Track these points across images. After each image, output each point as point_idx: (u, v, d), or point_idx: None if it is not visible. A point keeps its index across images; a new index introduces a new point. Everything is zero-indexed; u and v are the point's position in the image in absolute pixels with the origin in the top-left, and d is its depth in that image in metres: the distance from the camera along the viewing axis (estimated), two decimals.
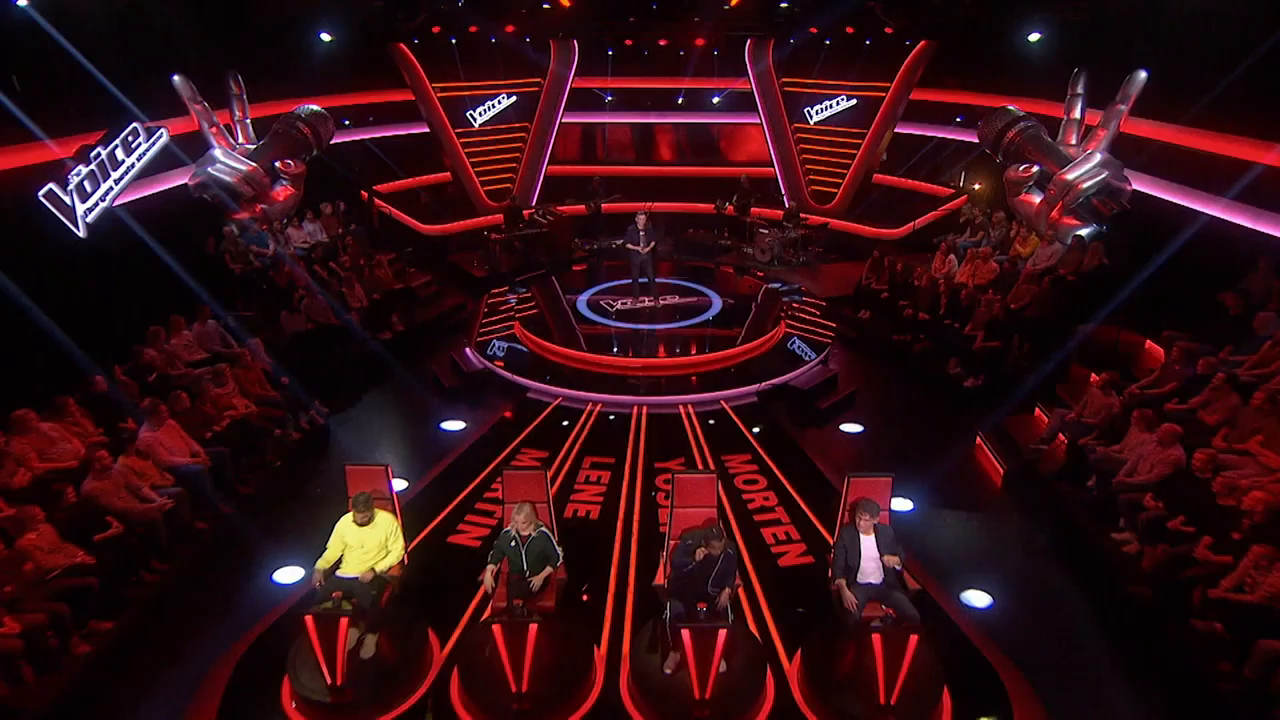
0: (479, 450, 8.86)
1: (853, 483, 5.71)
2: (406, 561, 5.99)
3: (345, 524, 5.62)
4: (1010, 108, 11.67)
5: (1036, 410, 9.20)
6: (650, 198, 14.75)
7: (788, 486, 8.14)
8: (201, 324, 9.02)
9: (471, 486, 8.08)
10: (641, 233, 11.42)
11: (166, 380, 7.94)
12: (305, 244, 12.04)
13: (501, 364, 10.73)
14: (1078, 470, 7.59)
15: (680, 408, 9.87)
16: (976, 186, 14.10)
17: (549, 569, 5.67)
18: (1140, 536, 6.45)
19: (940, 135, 14.85)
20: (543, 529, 5.70)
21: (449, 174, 16.08)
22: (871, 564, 5.43)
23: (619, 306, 12.20)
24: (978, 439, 9.19)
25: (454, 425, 9.60)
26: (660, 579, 5.71)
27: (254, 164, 10.98)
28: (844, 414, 9.95)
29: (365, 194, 14.61)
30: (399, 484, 8.25)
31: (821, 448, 9.12)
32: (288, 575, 6.80)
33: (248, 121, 11.42)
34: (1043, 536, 7.47)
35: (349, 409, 9.89)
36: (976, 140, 13.47)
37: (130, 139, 9.40)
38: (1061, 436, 8.14)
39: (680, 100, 16.66)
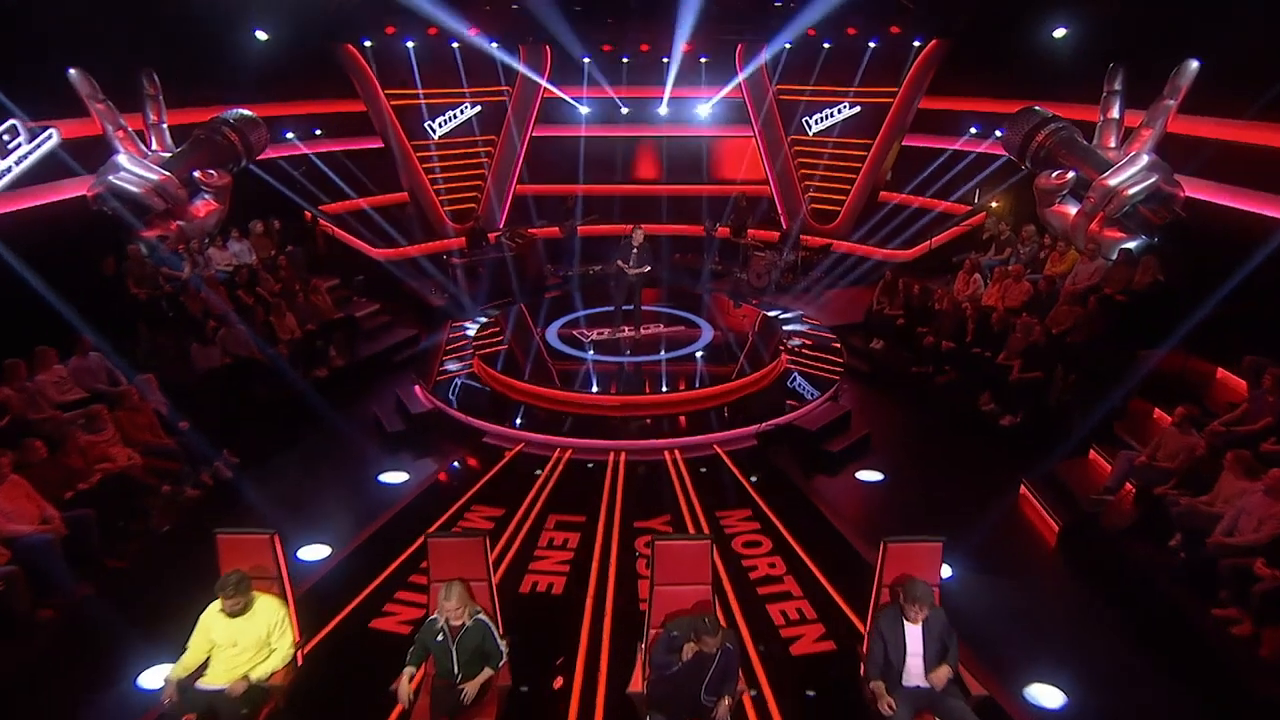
0: (422, 507, 7.73)
1: (891, 550, 4.58)
2: (301, 662, 4.75)
3: (211, 615, 4.41)
4: (1037, 108, 10.85)
5: (1091, 453, 8.13)
6: (632, 219, 13.75)
7: (798, 550, 7.00)
8: (81, 357, 7.84)
9: (407, 554, 6.88)
10: (635, 250, 10.55)
11: (24, 425, 6.72)
12: (228, 266, 10.92)
13: (455, 404, 9.65)
14: (1155, 526, 6.49)
15: (666, 453, 8.80)
16: (994, 204, 13.24)
17: (488, 671, 4.47)
18: (1254, 614, 5.32)
19: (953, 147, 14.11)
20: (480, 617, 4.53)
21: (406, 194, 15.15)
22: (919, 661, 4.25)
23: (595, 337, 11.25)
24: (1022, 487, 8.11)
25: (394, 477, 8.49)
26: (637, 684, 4.51)
27: (167, 173, 9.92)
28: (859, 459, 8.96)
29: (309, 214, 13.58)
30: (316, 551, 7.06)
31: (835, 500, 8.05)
32: (158, 678, 5.51)
33: (164, 126, 10.41)
34: (1116, 610, 6.33)
35: (268, 460, 8.70)
36: (998, 150, 12.96)
37: (7, 139, 8.33)
38: (1130, 484, 7.08)
39: (664, 111, 16.03)
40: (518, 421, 9.31)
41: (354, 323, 11.23)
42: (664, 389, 9.92)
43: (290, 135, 13.69)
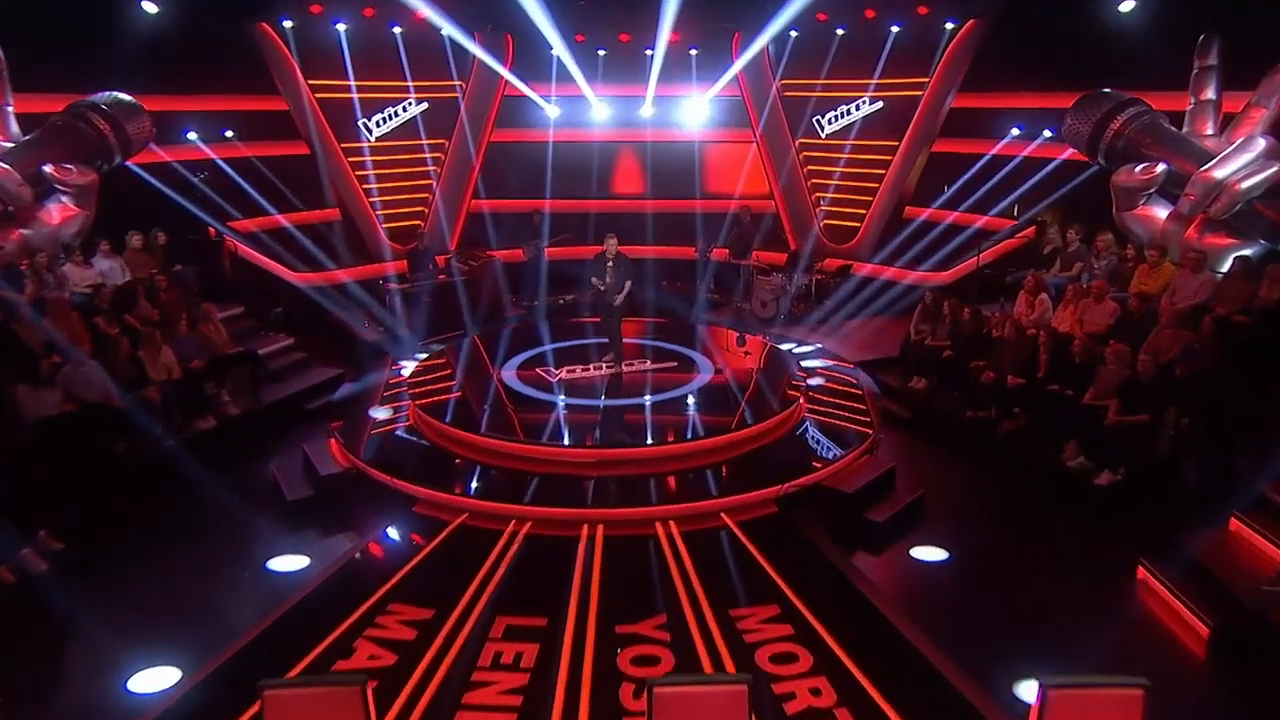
0: (321, 606, 6.12)
1: (1055, 700, 2.95)
2: None
3: None
4: (1109, 91, 9.67)
5: (1234, 522, 6.62)
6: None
7: (851, 668, 5.36)
8: None
9: (295, 673, 5.18)
10: (610, 264, 9.53)
11: None
12: (89, 286, 9.31)
13: (382, 463, 8.18)
14: None
15: (658, 525, 7.26)
16: (1046, 221, 12.05)
17: None
18: None
19: (991, 153, 13.04)
20: None
21: (336, 209, 13.92)
22: None
23: (564, 376, 9.93)
24: (1140, 570, 6.57)
25: (290, 563, 6.92)
26: None
27: (6, 166, 8.35)
28: (913, 531, 7.46)
29: (214, 230, 12.10)
30: (156, 679, 5.38)
31: (888, 587, 6.49)
32: None
33: (9, 109, 8.91)
34: None
35: (114, 542, 7.01)
36: (1049, 153, 12.02)
37: None
38: None
39: (648, 112, 15.06)
40: (465, 484, 7.93)
41: (255, 360, 9.64)
42: (652, 441, 8.51)
43: (192, 136, 12.43)
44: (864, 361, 11.07)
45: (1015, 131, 12.81)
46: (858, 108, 14.12)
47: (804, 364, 10.89)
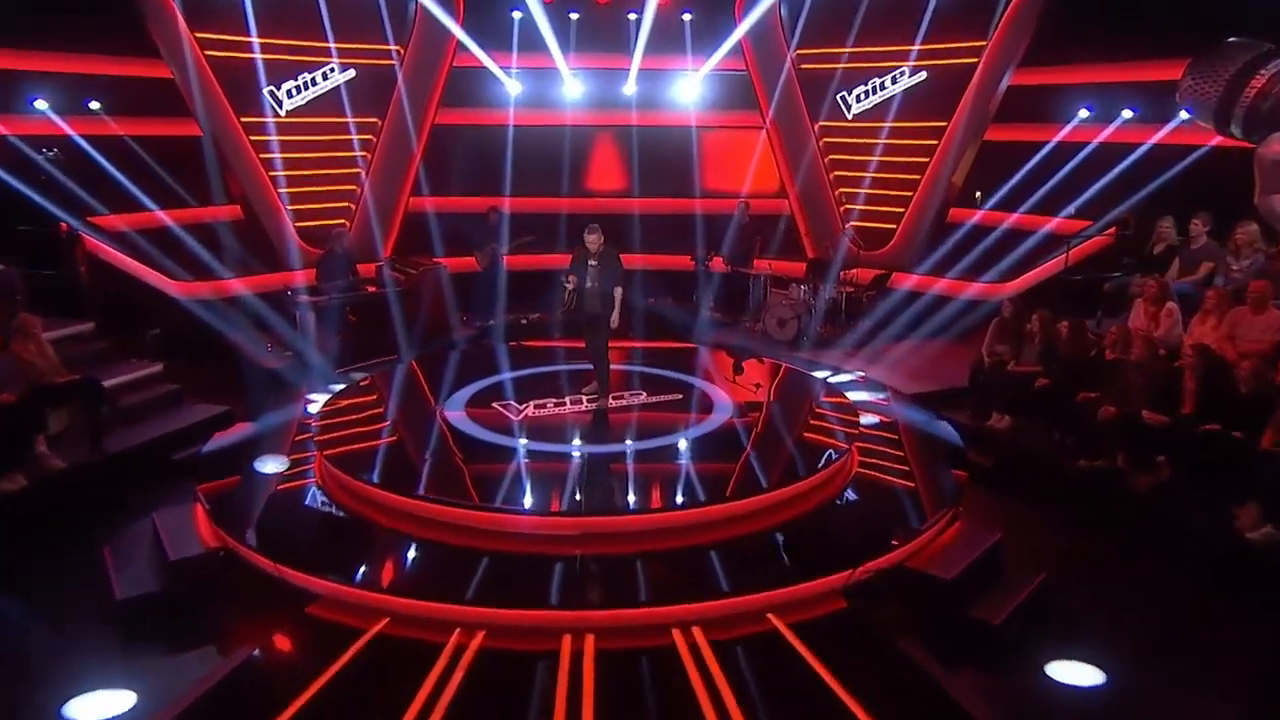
0: None
1: None
2: None
3: None
4: (1239, 40, 8.24)
5: None
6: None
7: None
8: None
9: None
10: (592, 264, 8.11)
11: None
12: None
13: (266, 541, 6.34)
14: None
15: (676, 633, 5.49)
16: (1128, 220, 10.85)
17: None
18: None
19: (1054, 140, 12.03)
20: None
21: (238, 206, 12.42)
22: None
23: (530, 413, 8.34)
24: None
25: (103, 706, 4.93)
26: None
27: None
28: (1044, 637, 5.78)
29: (65, 225, 10.40)
30: None
31: None
32: None
33: None
34: None
35: None
36: (1130, 138, 11.12)
37: None
38: None
39: (631, 90, 13.91)
40: (389, 572, 6.19)
41: (95, 392, 7.70)
42: (659, 504, 6.73)
43: (41, 104, 10.72)
44: (922, 394, 9.61)
45: (1084, 113, 11.80)
46: (894, 80, 12.95)
47: (850, 396, 9.22)
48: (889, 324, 11.54)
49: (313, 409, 8.78)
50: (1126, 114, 11.24)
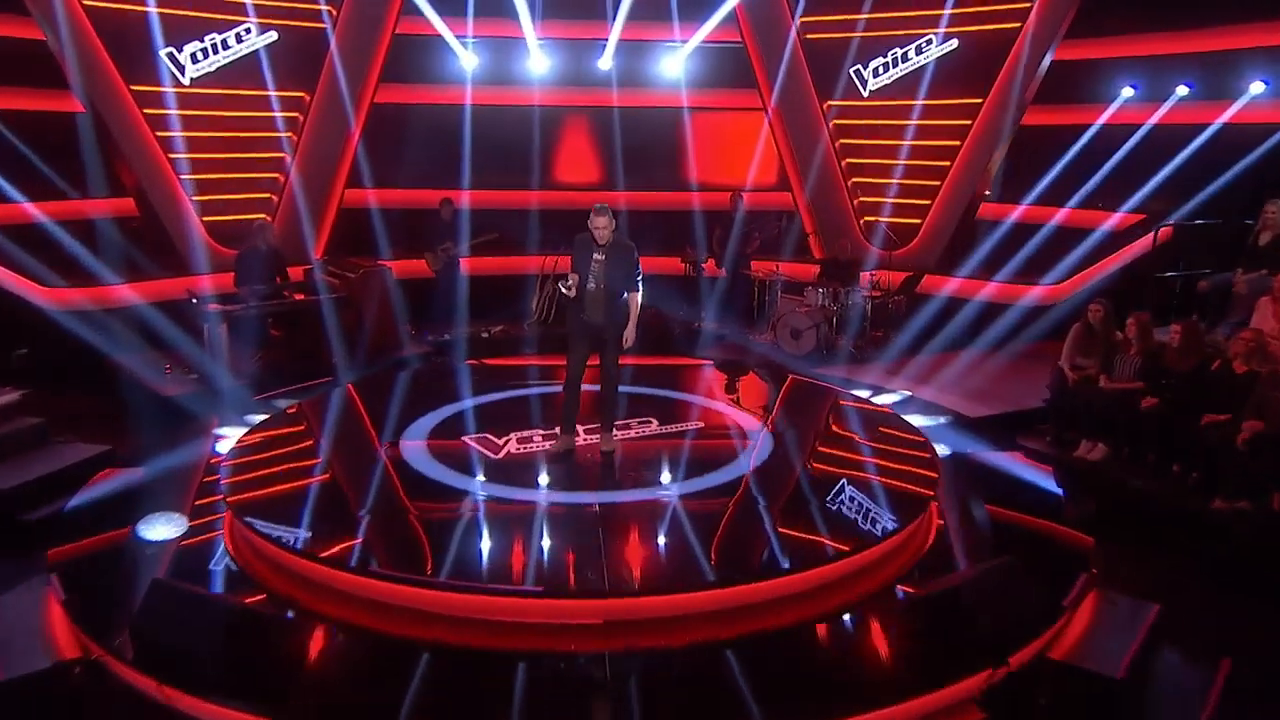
0: None
1: None
2: None
3: None
4: None
5: None
6: (557, 244, 11.03)
7: None
8: None
9: None
10: (599, 257, 6.46)
11: None
12: None
13: (146, 643, 4.64)
14: None
15: None
16: None
17: None
18: None
19: (1096, 123, 11.23)
20: None
21: (131, 196, 10.90)
22: None
23: (510, 447, 6.91)
24: None
25: None
26: None
27: None
28: None
29: None
30: None
31: None
32: None
33: None
34: None
35: None
36: (1189, 117, 10.37)
37: None
38: None
39: (607, 64, 12.72)
40: (327, 688, 4.49)
41: None
42: (713, 577, 5.13)
43: None
44: (988, 418, 8.31)
45: (1128, 91, 11.03)
46: (919, 50, 11.85)
47: (912, 421, 7.81)
48: (931, 335, 10.42)
49: (223, 448, 7.14)
50: (1181, 90, 10.39)
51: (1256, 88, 10.12)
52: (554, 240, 11.37)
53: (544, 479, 6.26)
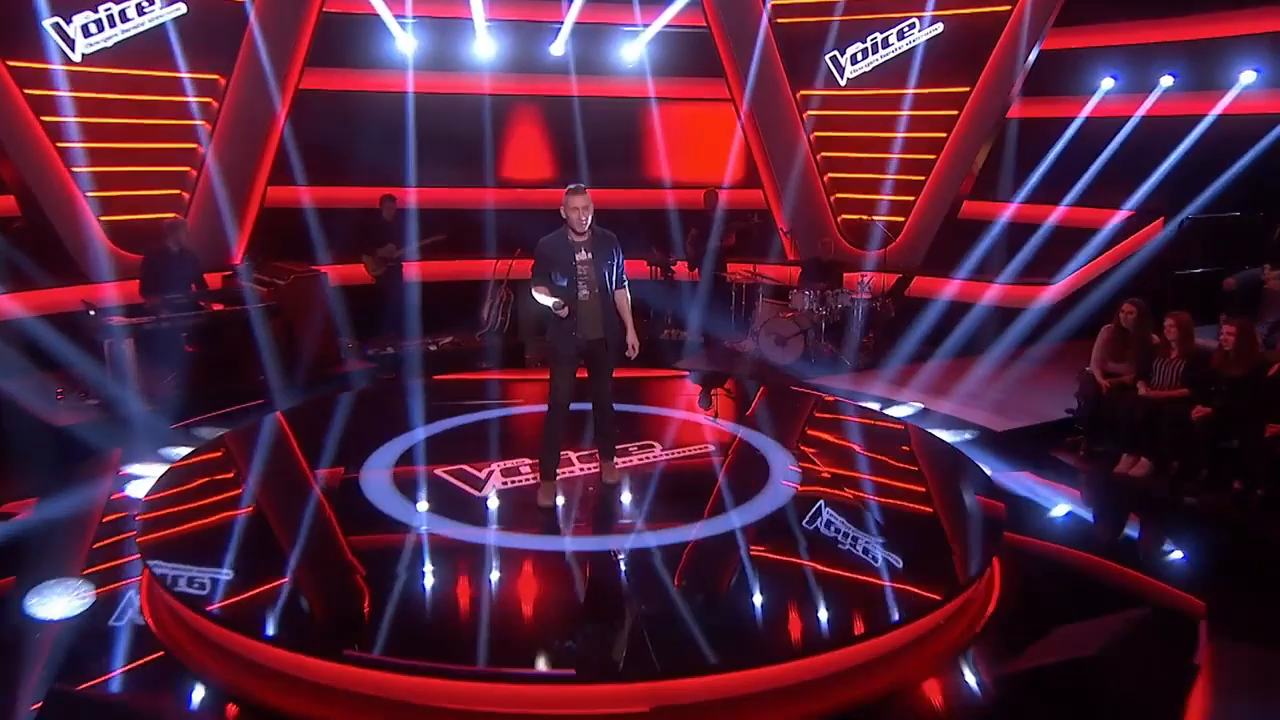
0: None
1: None
2: None
3: None
4: None
5: None
6: (511, 245, 10.40)
7: None
8: None
9: None
10: (583, 257, 5.35)
11: None
12: None
13: None
14: None
15: None
16: None
17: None
18: None
19: (1079, 116, 10.93)
20: None
21: (11, 193, 9.58)
22: None
23: (494, 480, 5.85)
24: None
25: None
26: None
27: None
28: None
29: None
30: None
31: None
32: None
33: None
34: None
35: None
36: (1184, 107, 10.13)
37: None
38: None
39: (560, 49, 11.89)
40: None
41: None
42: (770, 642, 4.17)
43: None
44: (1015, 432, 7.57)
45: (1109, 82, 10.69)
46: (901, 35, 11.23)
47: (939, 437, 7.02)
48: (934, 341, 9.79)
49: (136, 490, 5.85)
50: (1166, 81, 10.05)
51: (1248, 77, 9.77)
52: (508, 242, 10.36)
53: (545, 520, 5.19)
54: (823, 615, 4.19)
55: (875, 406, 7.97)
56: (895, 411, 7.88)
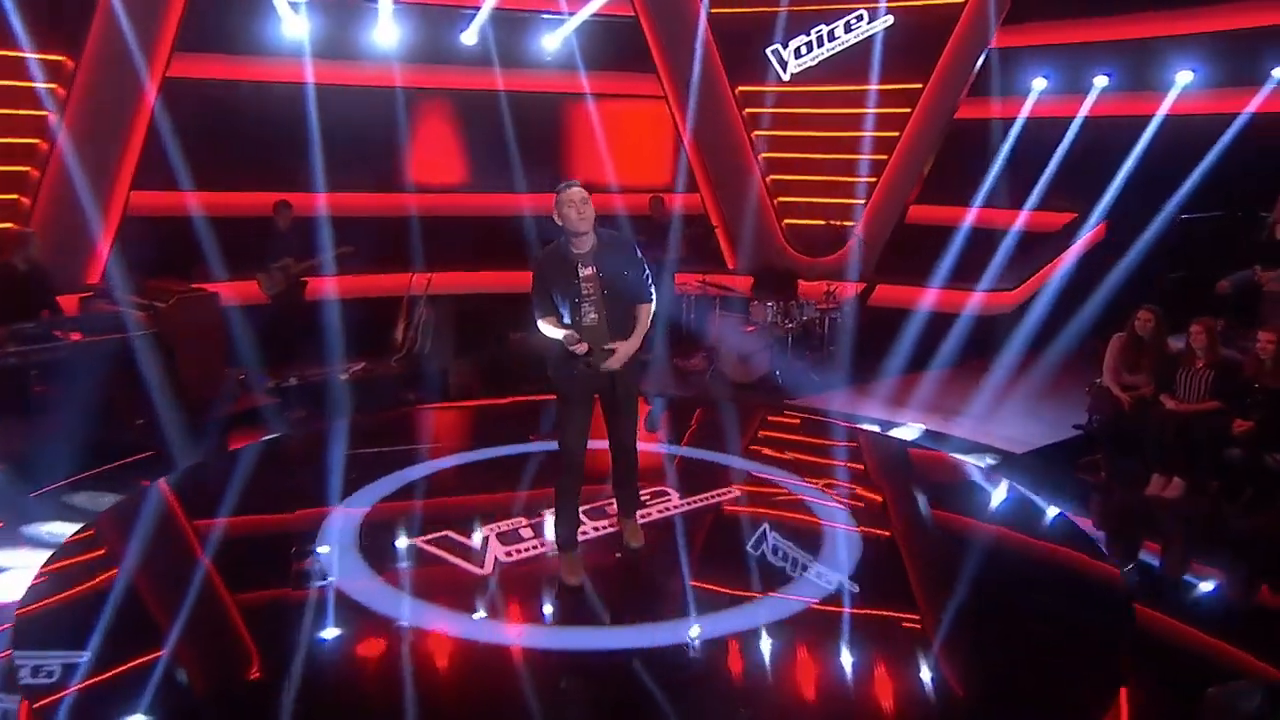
0: None
1: None
2: None
3: None
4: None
5: None
6: (425, 257, 9.81)
7: None
8: None
9: None
10: (588, 272, 4.32)
11: None
12: None
13: None
14: None
15: None
16: None
17: None
18: None
19: (1019, 116, 10.59)
20: None
21: None
22: None
23: (492, 557, 4.65)
24: None
25: None
26: None
27: None
28: None
29: None
30: None
31: None
32: None
33: None
34: None
35: None
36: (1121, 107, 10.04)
37: None
38: None
39: (471, 38, 10.81)
40: None
41: None
42: None
43: None
44: (1033, 453, 6.99)
45: (1040, 83, 10.45)
46: (848, 28, 10.70)
47: (967, 465, 6.38)
48: (916, 353, 9.15)
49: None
50: (1100, 81, 9.88)
51: (1184, 77, 9.64)
52: (429, 253, 9.32)
53: (577, 605, 4.11)
54: None
55: (875, 428, 7.14)
56: (900, 433, 7.09)
